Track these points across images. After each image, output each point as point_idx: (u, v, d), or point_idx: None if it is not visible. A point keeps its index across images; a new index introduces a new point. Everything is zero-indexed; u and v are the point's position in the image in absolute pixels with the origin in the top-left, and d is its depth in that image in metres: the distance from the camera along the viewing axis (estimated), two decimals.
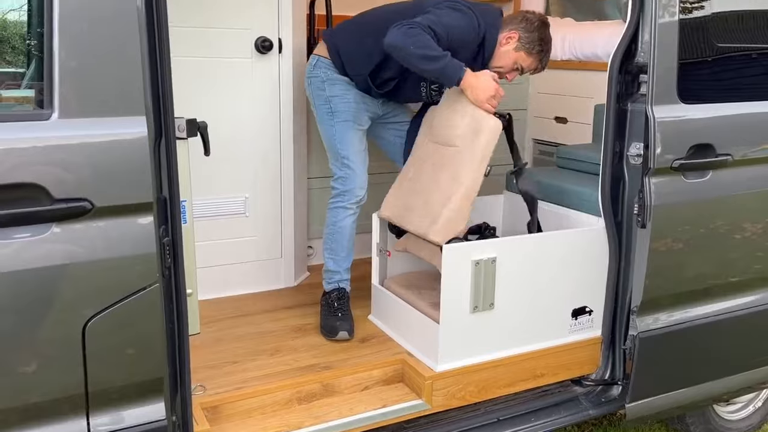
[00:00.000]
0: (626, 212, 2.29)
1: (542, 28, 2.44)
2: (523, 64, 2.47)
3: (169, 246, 1.61)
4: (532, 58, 2.46)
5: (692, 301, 2.29)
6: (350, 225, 2.52)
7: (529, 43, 2.43)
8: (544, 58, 2.49)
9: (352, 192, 2.49)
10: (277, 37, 2.68)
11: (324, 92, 2.52)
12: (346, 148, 2.49)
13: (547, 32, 2.46)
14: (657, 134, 2.08)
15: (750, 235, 2.32)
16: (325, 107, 2.52)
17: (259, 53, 2.66)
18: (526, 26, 2.43)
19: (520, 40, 2.42)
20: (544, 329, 2.32)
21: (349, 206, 2.50)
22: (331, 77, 2.50)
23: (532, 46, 2.43)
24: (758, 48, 2.26)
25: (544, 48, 2.46)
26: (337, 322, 2.42)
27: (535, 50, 2.44)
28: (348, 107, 2.49)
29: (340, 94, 2.50)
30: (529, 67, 2.48)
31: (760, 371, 2.53)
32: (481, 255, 2.14)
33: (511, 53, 2.44)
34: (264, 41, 2.64)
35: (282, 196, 2.87)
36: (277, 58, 2.71)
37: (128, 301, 1.50)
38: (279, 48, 2.70)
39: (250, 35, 2.64)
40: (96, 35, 1.41)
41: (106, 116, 1.44)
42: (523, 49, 2.43)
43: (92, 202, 1.43)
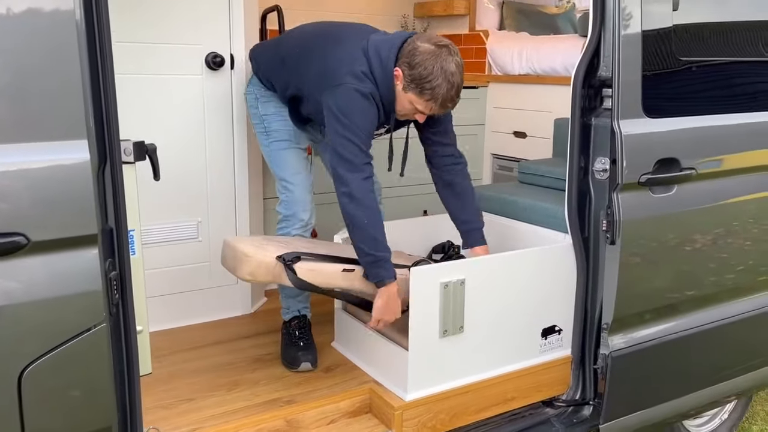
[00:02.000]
0: (593, 228, 2.25)
1: (430, 59, 1.93)
2: (417, 107, 2.01)
3: (117, 281, 1.47)
4: (422, 99, 1.97)
5: (663, 317, 2.26)
6: None
7: (413, 81, 1.96)
8: (438, 97, 1.95)
9: (295, 216, 2.32)
10: (228, 52, 2.56)
11: (258, 110, 2.39)
12: (283, 170, 2.34)
13: (437, 64, 1.93)
14: (624, 149, 2.05)
15: (716, 248, 2.31)
16: (260, 126, 2.39)
17: (210, 69, 2.53)
18: (409, 61, 1.96)
19: (405, 79, 1.98)
20: (514, 351, 2.25)
21: (295, 231, 2.33)
22: (264, 95, 2.36)
23: (417, 86, 1.95)
24: (720, 60, 2.26)
25: (434, 86, 1.93)
26: (299, 352, 2.30)
27: (425, 90, 1.95)
28: (282, 126, 2.35)
29: (274, 113, 2.36)
30: (425, 109, 2.01)
31: (726, 384, 2.52)
32: (450, 277, 2.06)
33: (402, 95, 2.01)
34: (215, 57, 2.51)
35: (237, 218, 2.73)
36: (229, 74, 2.59)
37: (71, 344, 1.36)
38: (231, 64, 2.58)
39: (201, 51, 2.51)
40: (28, 50, 1.27)
41: (41, 141, 1.30)
42: (410, 89, 1.98)
43: (27, 237, 1.29)
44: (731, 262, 2.38)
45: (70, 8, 1.30)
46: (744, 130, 2.30)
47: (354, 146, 1.97)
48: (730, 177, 2.28)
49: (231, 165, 2.67)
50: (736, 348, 2.50)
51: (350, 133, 1.97)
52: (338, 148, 1.99)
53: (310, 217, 2.37)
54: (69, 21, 1.30)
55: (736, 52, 2.29)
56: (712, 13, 2.23)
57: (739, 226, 2.36)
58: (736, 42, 2.30)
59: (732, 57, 2.26)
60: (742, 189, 2.33)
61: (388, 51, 2.03)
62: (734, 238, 2.34)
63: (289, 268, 1.94)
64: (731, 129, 2.26)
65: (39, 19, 1.28)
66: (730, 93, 2.30)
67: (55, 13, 1.29)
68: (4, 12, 1.24)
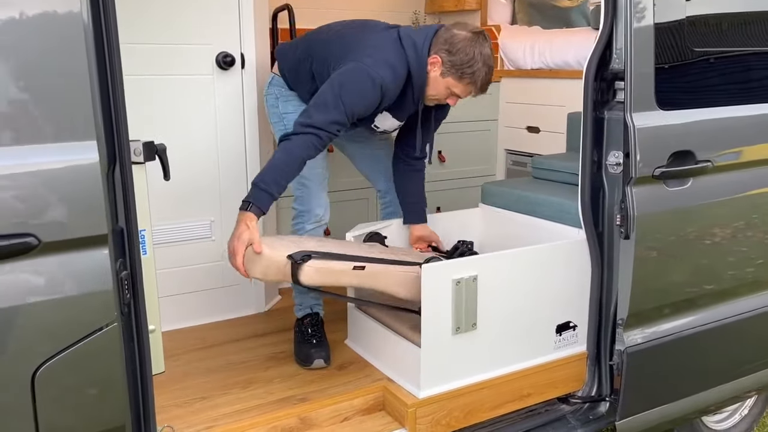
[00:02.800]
0: (607, 223, 2.23)
1: (470, 45, 2.08)
2: (455, 91, 2.15)
3: (128, 280, 1.47)
4: (462, 83, 2.12)
5: (679, 312, 2.23)
6: None
7: (453, 67, 2.10)
8: (478, 80, 2.11)
9: (310, 212, 2.35)
10: (239, 52, 2.57)
11: (278, 109, 2.42)
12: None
13: (476, 49, 2.08)
14: (637, 142, 2.02)
15: (734, 242, 2.27)
16: (280, 125, 2.41)
17: (220, 69, 2.54)
18: (448, 48, 2.10)
19: (444, 65, 2.11)
20: (528, 347, 2.24)
21: (310, 226, 2.36)
22: (284, 94, 2.40)
23: (457, 71, 2.10)
24: (735, 51, 2.22)
25: (474, 70, 2.09)
26: (312, 349, 2.30)
27: (465, 75, 2.10)
28: None
29: (293, 111, 2.37)
30: (463, 93, 2.16)
31: (747, 379, 2.48)
32: (462, 273, 2.05)
33: (440, 80, 2.14)
34: (225, 56, 2.52)
35: None
36: (240, 73, 2.59)
37: (83, 343, 1.36)
38: (242, 63, 2.58)
39: (211, 51, 2.52)
40: (36, 52, 1.28)
41: (51, 142, 1.30)
42: (449, 74, 2.11)
43: (38, 238, 1.29)
44: (749, 256, 2.34)
45: (78, 9, 1.30)
46: (760, 121, 2.26)
47: (326, 109, 2.01)
48: (746, 169, 2.24)
49: (243, 164, 2.68)
50: (755, 342, 2.46)
51: (337, 97, 2.02)
52: (319, 99, 2.04)
53: (324, 213, 2.39)
54: (77, 21, 1.30)
55: (750, 42, 2.25)
56: (726, 3, 2.19)
57: (758, 219, 2.32)
58: (751, 32, 2.25)
59: (746, 48, 2.22)
60: (759, 181, 2.28)
61: (423, 40, 2.13)
62: (752, 232, 2.30)
63: (298, 267, 1.94)
64: (746, 120, 2.22)
65: (47, 19, 1.28)
66: (745, 84, 2.26)
67: (63, 13, 1.29)
68: (11, 13, 1.25)
